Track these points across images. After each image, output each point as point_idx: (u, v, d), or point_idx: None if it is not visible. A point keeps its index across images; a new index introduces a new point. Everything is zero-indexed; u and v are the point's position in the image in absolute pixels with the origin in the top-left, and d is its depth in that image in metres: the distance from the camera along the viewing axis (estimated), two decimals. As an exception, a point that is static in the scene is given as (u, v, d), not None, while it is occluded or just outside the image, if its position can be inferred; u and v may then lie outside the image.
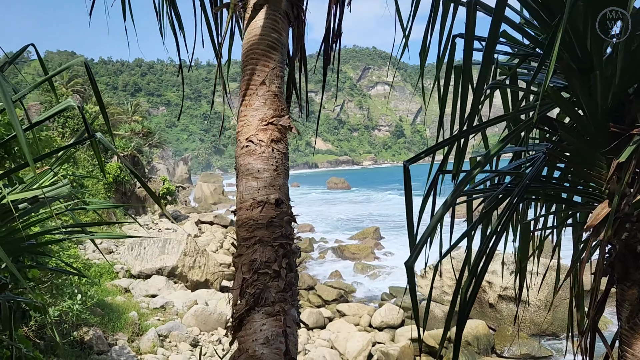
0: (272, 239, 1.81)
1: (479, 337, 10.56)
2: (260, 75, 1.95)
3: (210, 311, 9.94)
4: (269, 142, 1.87)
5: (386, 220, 33.94)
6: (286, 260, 1.83)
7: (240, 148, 1.88)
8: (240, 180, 1.86)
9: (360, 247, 21.37)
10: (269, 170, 1.87)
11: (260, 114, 1.90)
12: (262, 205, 1.82)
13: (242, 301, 1.76)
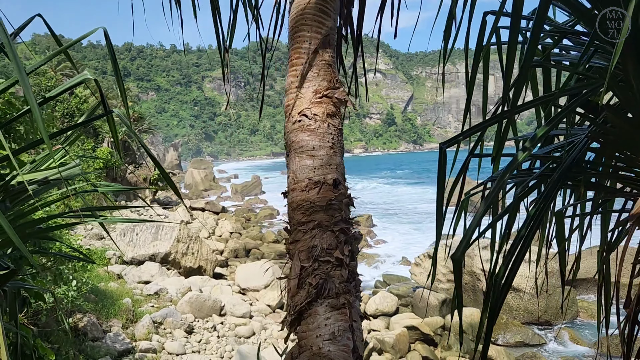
0: (332, 223, 1.69)
1: (473, 325, 10.58)
2: (313, 43, 1.81)
3: (204, 298, 9.86)
4: (324, 116, 1.72)
5: (377, 208, 33.98)
6: (348, 246, 1.71)
7: (291, 123, 1.74)
8: (292, 158, 1.73)
9: (353, 234, 21.33)
10: (325, 148, 1.73)
11: (314, 86, 1.76)
12: (319, 186, 1.69)
13: (302, 292, 1.63)
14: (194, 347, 8.24)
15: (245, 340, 8.99)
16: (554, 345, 10.20)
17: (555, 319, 11.27)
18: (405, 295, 13.00)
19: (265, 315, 10.58)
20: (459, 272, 1.75)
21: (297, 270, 1.68)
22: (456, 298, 1.90)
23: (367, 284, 14.88)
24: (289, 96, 1.82)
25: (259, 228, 24.65)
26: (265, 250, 19.02)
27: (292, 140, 1.76)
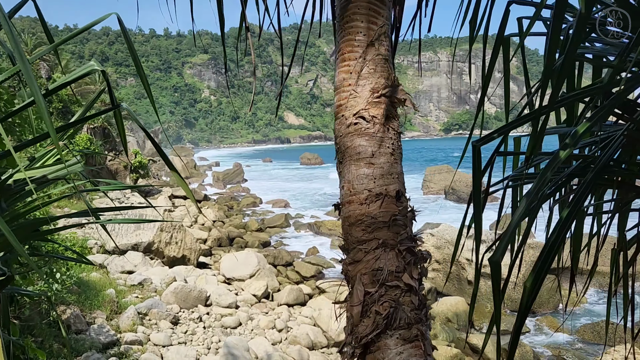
0: (398, 242, 1.52)
1: (458, 313, 10.68)
2: (368, 35, 1.59)
3: (189, 288, 9.73)
4: (383, 118, 1.56)
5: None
6: (417, 269, 1.55)
7: (345, 126, 1.58)
8: (347, 166, 1.57)
9: (337, 223, 21.31)
10: (385, 155, 1.55)
11: (371, 84, 1.57)
12: (380, 198, 1.52)
13: (367, 321, 1.46)
14: (180, 338, 8.12)
15: (232, 330, 8.90)
16: (537, 333, 10.34)
17: (539, 307, 11.42)
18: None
19: (251, 305, 10.50)
20: (498, 275, 1.63)
21: (360, 296, 1.50)
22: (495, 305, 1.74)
23: (352, 272, 14.90)
24: (341, 95, 1.63)
25: (241, 216, 24.48)
26: (249, 239, 18.90)
27: (347, 146, 1.58)
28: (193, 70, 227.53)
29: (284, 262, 15.21)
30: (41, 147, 2.08)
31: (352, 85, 1.60)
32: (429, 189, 33.39)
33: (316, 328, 9.20)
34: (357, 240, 1.57)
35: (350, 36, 1.64)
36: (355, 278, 1.55)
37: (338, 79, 1.65)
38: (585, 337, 9.99)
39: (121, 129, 1.57)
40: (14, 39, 1.08)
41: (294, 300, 11.17)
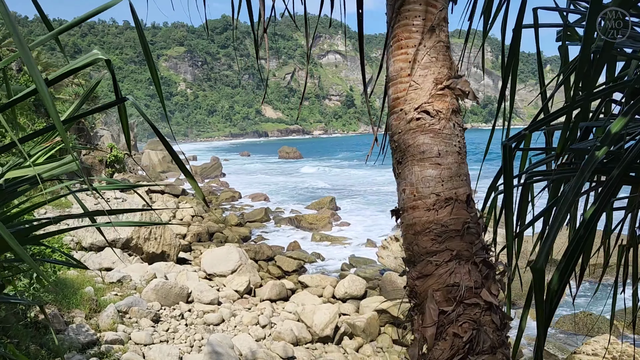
0: (474, 253, 1.37)
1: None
2: (427, 19, 1.42)
3: (170, 285, 9.55)
4: (449, 113, 1.39)
5: (340, 190, 34.03)
6: (496, 284, 1.41)
7: (405, 121, 1.41)
8: (409, 166, 1.40)
9: (318, 217, 21.27)
10: (453, 154, 1.39)
11: (433, 74, 1.40)
12: (450, 203, 1.37)
13: (443, 345, 1.31)
14: (162, 336, 7.96)
15: (215, 327, 8.77)
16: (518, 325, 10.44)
17: (519, 299, 11.54)
18: (373, 278, 13.03)
19: (234, 301, 10.37)
20: (541, 283, 1.52)
21: (434, 316, 1.35)
22: (538, 315, 1.62)
23: (334, 266, 14.86)
24: (398, 87, 1.45)
25: (221, 211, 24.24)
26: (229, 234, 18.70)
27: (409, 144, 1.40)
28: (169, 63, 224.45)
29: (265, 257, 15.09)
30: (30, 144, 1.93)
31: (411, 76, 1.44)
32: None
33: (300, 323, 9.13)
34: (426, 251, 1.41)
35: (407, 20, 1.47)
36: (425, 295, 1.39)
37: (394, 68, 1.48)
38: (565, 328, 10.15)
39: (125, 125, 1.45)
40: (13, 25, 0.97)
41: (277, 295, 11.08)
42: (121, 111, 1.42)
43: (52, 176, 1.64)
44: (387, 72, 1.52)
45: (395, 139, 1.48)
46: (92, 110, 1.59)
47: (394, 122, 1.47)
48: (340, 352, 8.76)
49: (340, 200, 27.30)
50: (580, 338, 9.68)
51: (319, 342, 8.92)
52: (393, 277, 11.97)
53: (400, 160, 1.47)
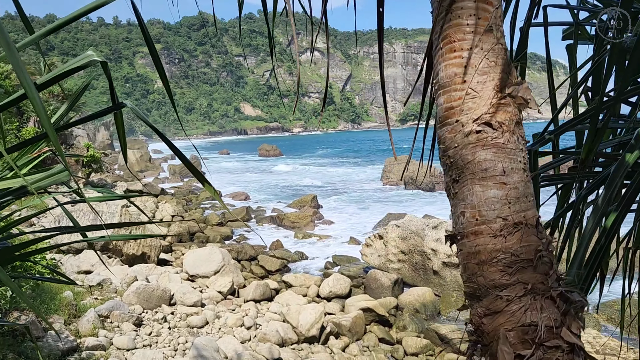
0: (549, 287, 1.22)
1: (426, 304, 10.73)
2: (483, 17, 1.27)
3: (152, 287, 9.35)
4: (512, 125, 1.24)
5: (321, 188, 33.97)
6: (577, 321, 1.24)
7: (462, 135, 1.25)
8: (468, 185, 1.25)
9: (300, 215, 21.15)
10: (518, 172, 1.24)
11: (493, 80, 1.25)
12: (519, 228, 1.21)
13: None
14: (144, 340, 7.78)
15: (199, 330, 8.61)
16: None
17: (502, 295, 11.62)
18: (357, 276, 12.99)
19: (217, 303, 10.21)
20: None
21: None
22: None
23: (317, 265, 14.78)
24: (452, 95, 1.29)
25: (201, 210, 23.95)
26: (210, 233, 18.48)
27: (467, 160, 1.25)
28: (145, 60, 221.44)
29: (247, 257, 14.93)
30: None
31: (467, 83, 1.28)
32: (389, 179, 33.66)
33: (285, 324, 9.02)
34: (494, 284, 1.25)
35: (460, 19, 1.32)
36: (495, 335, 1.23)
37: (446, 73, 1.32)
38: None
39: (121, 131, 1.32)
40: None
41: (261, 295, 10.95)
42: (117, 118, 1.29)
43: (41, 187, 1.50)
44: (436, 77, 1.35)
45: (450, 154, 1.31)
46: (87, 117, 1.45)
47: (447, 134, 1.31)
48: (327, 352, 8.68)
49: (322, 198, 27.23)
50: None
51: (305, 342, 8.83)
52: (377, 275, 11.94)
53: (456, 179, 1.31)
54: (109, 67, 1.28)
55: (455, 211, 1.35)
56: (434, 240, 12.13)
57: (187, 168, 1.48)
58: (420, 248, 12.28)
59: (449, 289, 11.77)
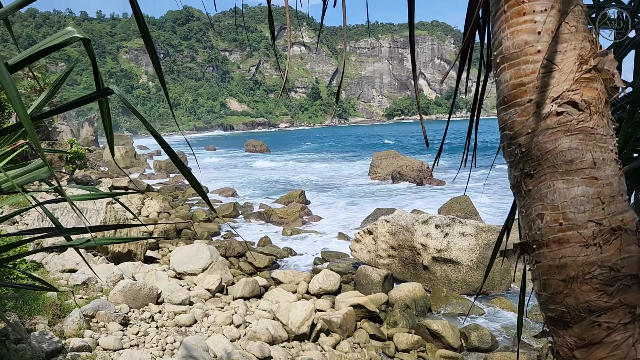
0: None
1: (416, 299, 10.68)
2: None
3: (139, 286, 9.16)
4: (601, 105, 1.01)
5: (310, 183, 33.84)
6: None
7: (538, 117, 1.02)
8: (548, 181, 1.01)
9: (288, 211, 21.00)
10: (611, 163, 1.01)
11: (575, 50, 1.02)
12: (617, 236, 0.98)
13: None
14: (131, 340, 7.60)
15: (187, 329, 8.45)
16: (492, 315, 10.50)
17: (492, 289, 11.62)
18: (346, 272, 12.91)
19: (206, 301, 10.05)
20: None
21: None
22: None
23: (306, 261, 14.67)
24: (522, 68, 1.05)
25: (188, 206, 23.69)
26: (198, 230, 18.27)
27: (546, 149, 1.02)
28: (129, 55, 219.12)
29: (235, 253, 14.77)
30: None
31: (543, 53, 1.03)
32: (376, 174, 33.64)
33: (275, 322, 8.89)
34: (588, 307, 1.00)
35: None
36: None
37: (513, 42, 1.07)
38: (538, 318, 10.23)
39: (107, 120, 1.18)
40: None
41: (250, 293, 10.81)
42: (103, 105, 1.15)
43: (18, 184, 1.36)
44: (497, 47, 1.11)
45: (522, 142, 1.06)
46: (70, 104, 1.31)
47: (516, 118, 1.06)
48: (318, 349, 8.58)
49: (310, 193, 27.11)
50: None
51: (296, 340, 8.72)
52: (367, 271, 11.87)
53: (530, 172, 1.06)
54: (92, 47, 1.14)
55: (528, 213, 1.09)
56: (423, 235, 12.08)
57: (174, 163, 1.35)
58: (410, 243, 12.23)
59: (439, 284, 11.74)
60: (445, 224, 12.09)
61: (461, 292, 11.55)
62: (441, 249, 11.76)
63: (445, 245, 11.77)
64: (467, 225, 12.02)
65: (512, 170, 1.10)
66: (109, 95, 1.17)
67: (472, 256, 11.64)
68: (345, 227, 19.00)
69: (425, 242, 11.98)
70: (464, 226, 12.01)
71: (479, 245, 11.73)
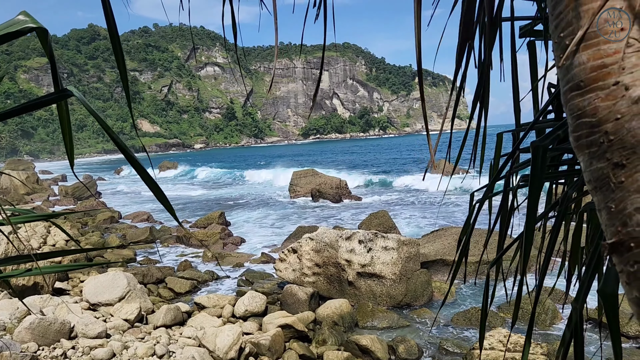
0: None
1: (343, 315, 10.70)
2: None
3: (49, 321, 8.42)
4: None
5: (229, 202, 33.22)
6: None
7: (629, 101, 0.92)
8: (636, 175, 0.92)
9: (208, 233, 20.43)
10: None
11: None
12: None
13: None
14: (41, 382, 6.94)
15: (105, 364, 7.86)
16: (418, 327, 10.74)
17: (415, 300, 11.92)
18: (272, 292, 12.70)
19: (124, 332, 9.44)
20: (615, 310, 1.21)
21: None
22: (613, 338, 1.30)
23: (230, 283, 14.29)
24: (602, 48, 0.96)
25: (99, 233, 22.33)
26: (111, 257, 17.25)
27: (638, 137, 0.92)
28: (29, 75, 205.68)
29: (154, 280, 14.07)
30: None
31: (625, 30, 0.95)
32: (296, 193, 33.72)
33: (202, 349, 8.52)
34: None
35: None
36: None
37: (594, 20, 0.99)
38: (459, 324, 10.62)
39: (67, 126, 1.03)
40: None
41: (172, 320, 10.31)
42: (62, 109, 1.00)
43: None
44: (564, 28, 1.02)
45: (609, 129, 0.97)
46: (20, 108, 1.12)
47: (600, 103, 0.97)
48: (247, 374, 8.31)
49: (230, 214, 26.61)
50: (474, 332, 10.19)
51: (224, 366, 8.39)
52: (293, 290, 11.75)
53: (622, 162, 0.96)
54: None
55: (620, 207, 0.98)
56: (347, 251, 12.19)
57: (142, 178, 1.20)
58: (335, 260, 12.29)
59: (364, 298, 11.86)
60: (368, 239, 12.29)
61: (386, 305, 11.74)
62: (365, 264, 11.92)
63: (369, 260, 11.94)
64: (389, 239, 12.29)
65: (592, 162, 1.00)
66: (68, 98, 1.03)
67: (395, 269, 11.90)
68: (268, 247, 18.78)
69: (350, 258, 12.09)
70: (386, 240, 12.27)
71: (401, 258, 12.02)
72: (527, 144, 2.13)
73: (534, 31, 1.83)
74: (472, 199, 2.41)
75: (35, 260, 1.38)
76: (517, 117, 2.14)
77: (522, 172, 2.29)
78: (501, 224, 2.38)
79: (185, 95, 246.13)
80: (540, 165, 1.34)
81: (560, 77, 1.08)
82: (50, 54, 0.92)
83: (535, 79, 1.95)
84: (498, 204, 2.49)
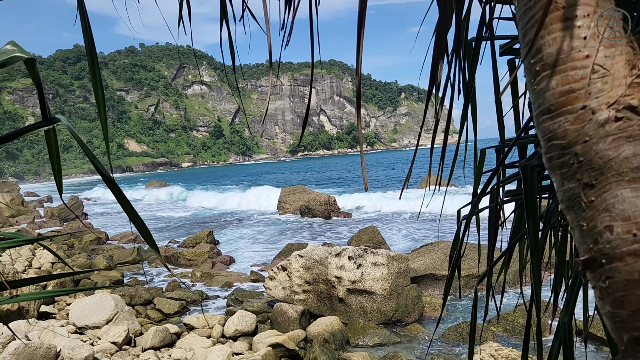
0: None
1: (334, 333, 10.63)
2: None
3: (34, 346, 8.27)
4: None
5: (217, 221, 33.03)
6: None
7: (596, 124, 0.99)
8: (613, 190, 0.97)
9: (196, 252, 20.26)
10: None
11: (622, 54, 1.01)
12: None
13: None
14: (27, 409, 6.79)
15: (92, 389, 7.73)
16: (408, 343, 10.70)
17: (406, 316, 11.89)
18: (262, 311, 12.60)
19: (112, 355, 9.29)
20: (570, 336, 1.18)
21: None
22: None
23: (220, 303, 14.15)
24: (570, 74, 1.02)
25: (86, 255, 22.05)
26: (98, 279, 17.01)
27: (609, 157, 0.98)
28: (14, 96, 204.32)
29: (142, 301, 13.89)
30: None
31: (592, 58, 1.02)
32: (285, 210, 33.66)
33: (191, 370, 8.41)
34: None
35: None
36: None
37: (557, 48, 1.05)
38: (451, 339, 10.60)
39: (55, 154, 1.03)
40: None
41: (161, 342, 10.17)
42: (50, 137, 1.01)
43: None
44: (535, 55, 1.08)
45: (579, 151, 1.03)
46: (9, 135, 1.12)
47: (569, 126, 1.04)
48: (238, 395, 8.20)
49: (219, 232, 26.45)
50: (465, 346, 10.17)
51: (214, 388, 8.28)
52: (283, 308, 11.66)
53: (591, 182, 1.01)
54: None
55: (591, 226, 1.03)
56: (337, 268, 12.16)
57: (119, 202, 1.21)
58: (325, 277, 12.24)
59: (354, 315, 11.80)
60: (357, 255, 12.28)
61: (377, 321, 11.69)
62: (355, 280, 11.88)
63: (359, 276, 11.92)
64: (378, 255, 12.29)
65: (564, 183, 1.05)
66: (56, 125, 1.03)
67: (385, 285, 11.88)
68: (257, 265, 18.68)
69: (340, 275, 12.05)
70: (375, 256, 12.26)
71: (391, 274, 12.01)
72: (510, 157, 2.17)
73: (513, 49, 1.89)
74: (460, 215, 2.44)
75: (9, 289, 1.37)
76: (502, 133, 2.19)
77: (508, 187, 2.33)
78: (489, 239, 2.41)
79: (172, 114, 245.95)
80: (531, 184, 1.37)
81: (532, 101, 1.13)
82: (38, 83, 0.94)
83: (516, 96, 2.01)
84: (485, 217, 2.53)
